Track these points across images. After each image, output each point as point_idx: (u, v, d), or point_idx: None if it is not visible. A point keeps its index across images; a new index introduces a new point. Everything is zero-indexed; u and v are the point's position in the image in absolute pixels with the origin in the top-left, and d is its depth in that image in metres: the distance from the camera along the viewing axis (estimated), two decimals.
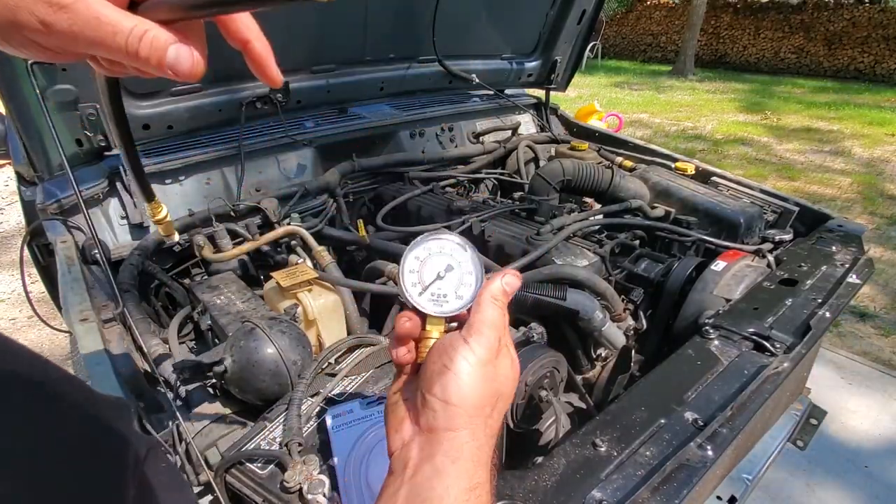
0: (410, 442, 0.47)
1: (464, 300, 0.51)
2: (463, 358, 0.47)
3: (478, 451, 0.45)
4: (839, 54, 12.33)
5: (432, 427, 0.45)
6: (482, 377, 0.47)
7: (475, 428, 0.46)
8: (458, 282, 0.52)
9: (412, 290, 0.50)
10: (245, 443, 0.84)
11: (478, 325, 0.49)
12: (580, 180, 1.81)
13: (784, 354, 1.04)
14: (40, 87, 1.23)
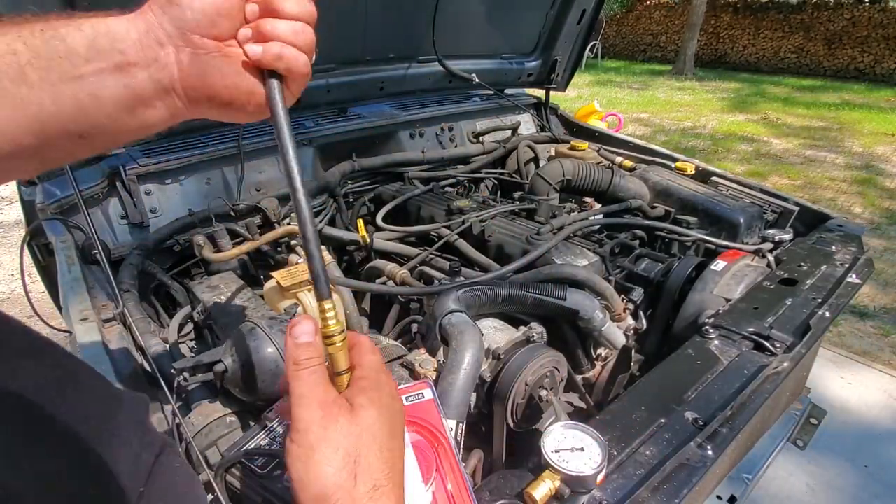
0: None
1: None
2: (294, 460, 0.44)
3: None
4: (839, 54, 12.34)
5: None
6: (320, 463, 0.43)
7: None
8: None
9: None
10: (245, 443, 0.84)
11: (292, 409, 0.45)
12: (580, 180, 1.81)
13: (784, 354, 1.04)
14: None
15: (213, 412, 0.94)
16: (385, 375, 0.50)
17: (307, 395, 0.45)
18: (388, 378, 0.51)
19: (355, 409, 0.46)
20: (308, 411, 0.44)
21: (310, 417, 0.44)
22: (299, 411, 0.44)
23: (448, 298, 1.14)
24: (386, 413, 0.47)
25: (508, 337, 1.15)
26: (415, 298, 1.35)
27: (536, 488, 0.72)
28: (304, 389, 0.45)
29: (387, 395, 0.49)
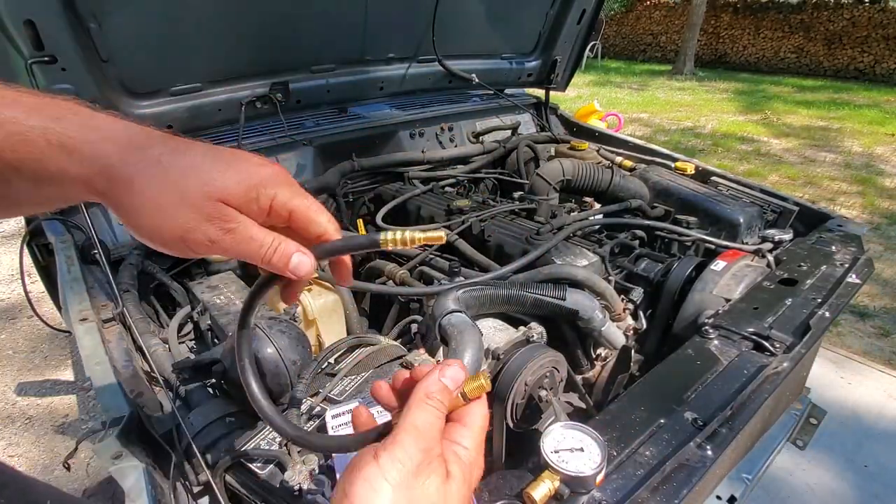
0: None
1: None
2: (364, 480, 0.37)
3: None
4: (839, 54, 12.33)
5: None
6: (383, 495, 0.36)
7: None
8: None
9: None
10: (245, 443, 0.84)
11: (398, 433, 0.39)
12: (580, 180, 1.81)
13: (784, 354, 1.04)
14: (40, 87, 1.23)
15: (213, 412, 0.94)
16: (481, 459, 0.45)
17: (421, 430, 0.40)
18: (481, 462, 0.45)
19: (449, 477, 0.41)
20: (412, 446, 0.39)
21: (412, 452, 0.39)
22: (405, 438, 0.39)
23: (448, 298, 1.14)
24: (465, 493, 0.42)
25: (508, 337, 1.15)
26: (414, 298, 1.35)
27: (536, 488, 0.72)
28: (421, 422, 0.40)
29: (475, 474, 0.44)
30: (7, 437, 2.28)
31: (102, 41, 1.32)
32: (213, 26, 1.50)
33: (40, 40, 1.19)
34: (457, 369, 0.44)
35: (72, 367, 2.71)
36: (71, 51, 1.26)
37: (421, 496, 0.38)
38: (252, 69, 1.69)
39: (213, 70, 1.61)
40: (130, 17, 1.34)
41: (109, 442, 0.74)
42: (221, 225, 0.42)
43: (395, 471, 0.37)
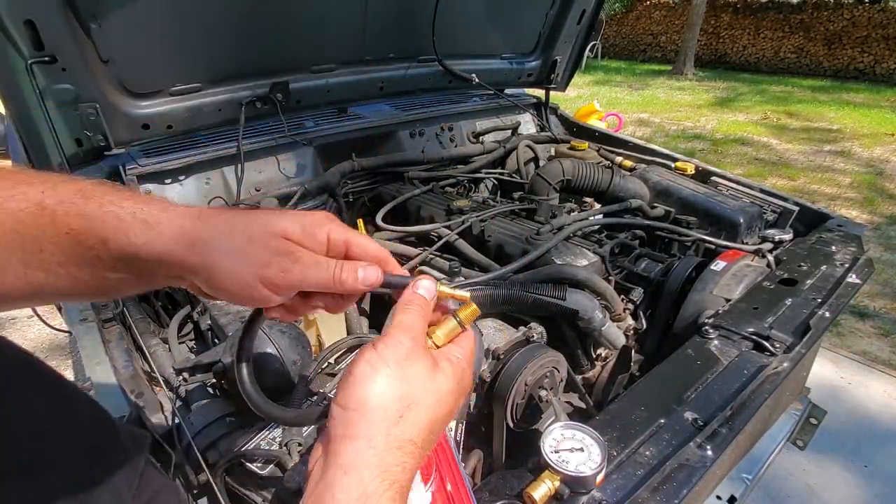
0: (318, 450, 0.45)
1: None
2: (365, 361, 0.45)
3: (376, 459, 0.42)
4: (839, 54, 12.33)
5: (333, 436, 0.44)
6: (386, 380, 0.44)
7: (373, 434, 0.43)
8: None
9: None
10: (245, 443, 0.84)
11: (388, 330, 0.48)
12: (580, 180, 1.81)
13: (784, 354, 1.04)
14: (40, 87, 1.23)
15: (213, 412, 0.94)
16: (470, 368, 0.52)
17: (406, 325, 0.47)
18: (470, 371, 0.52)
19: (437, 367, 0.48)
20: (403, 335, 0.46)
21: (401, 340, 0.46)
22: (394, 331, 0.47)
23: None
24: (454, 394, 0.49)
25: (508, 337, 1.15)
26: None
27: (536, 489, 0.72)
28: (405, 320, 0.48)
29: (464, 381, 0.50)
30: None
31: (102, 41, 1.32)
32: (213, 26, 1.50)
33: (40, 40, 1.19)
34: (428, 281, 0.51)
35: (72, 367, 2.71)
36: (71, 51, 1.26)
37: (413, 374, 0.45)
38: (252, 69, 1.69)
39: (213, 70, 1.61)
40: (130, 17, 1.34)
41: None
42: (290, 255, 0.47)
43: (389, 353, 0.45)
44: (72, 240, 0.44)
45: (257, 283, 0.46)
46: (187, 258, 0.45)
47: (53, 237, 0.44)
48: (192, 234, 0.46)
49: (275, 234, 0.47)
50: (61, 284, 0.46)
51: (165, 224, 0.46)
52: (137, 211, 0.45)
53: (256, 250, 0.46)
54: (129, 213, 0.45)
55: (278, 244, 0.47)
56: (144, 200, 0.47)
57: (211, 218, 0.47)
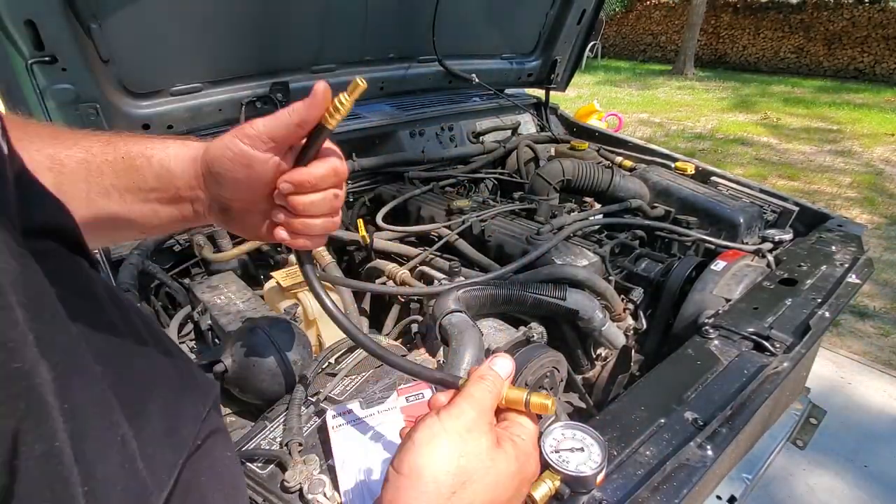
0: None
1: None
2: (426, 427, 0.43)
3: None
4: (839, 54, 12.34)
5: (384, 499, 0.42)
6: (444, 450, 0.42)
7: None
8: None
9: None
10: (245, 443, 0.84)
11: (456, 399, 0.46)
12: (580, 180, 1.81)
13: (784, 354, 1.04)
14: (40, 87, 1.24)
15: None
16: (535, 456, 0.50)
17: (475, 398, 0.46)
18: (535, 459, 0.50)
19: (499, 447, 0.45)
20: (468, 408, 0.45)
21: (467, 412, 0.44)
22: (462, 402, 0.45)
23: (448, 299, 1.14)
24: (515, 478, 0.46)
25: (508, 337, 1.15)
26: (415, 298, 1.35)
27: (536, 488, 0.72)
28: (476, 392, 0.46)
29: (528, 468, 0.48)
30: None
31: (102, 41, 1.32)
32: (213, 26, 1.50)
33: (40, 40, 1.19)
34: (506, 360, 0.50)
35: None
36: (71, 51, 1.26)
37: (472, 448, 0.43)
38: (252, 69, 1.69)
39: (213, 70, 1.61)
40: (130, 17, 1.34)
41: None
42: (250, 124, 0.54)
43: (452, 423, 0.43)
44: (126, 164, 0.56)
45: (234, 138, 0.53)
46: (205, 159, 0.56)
47: (112, 162, 0.56)
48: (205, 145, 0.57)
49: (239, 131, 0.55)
50: (114, 208, 0.57)
51: (193, 143, 0.58)
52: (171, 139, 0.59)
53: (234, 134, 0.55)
54: (168, 140, 0.59)
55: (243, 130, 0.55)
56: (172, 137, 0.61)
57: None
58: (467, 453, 0.42)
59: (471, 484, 0.42)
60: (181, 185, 0.57)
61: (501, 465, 0.44)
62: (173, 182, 0.57)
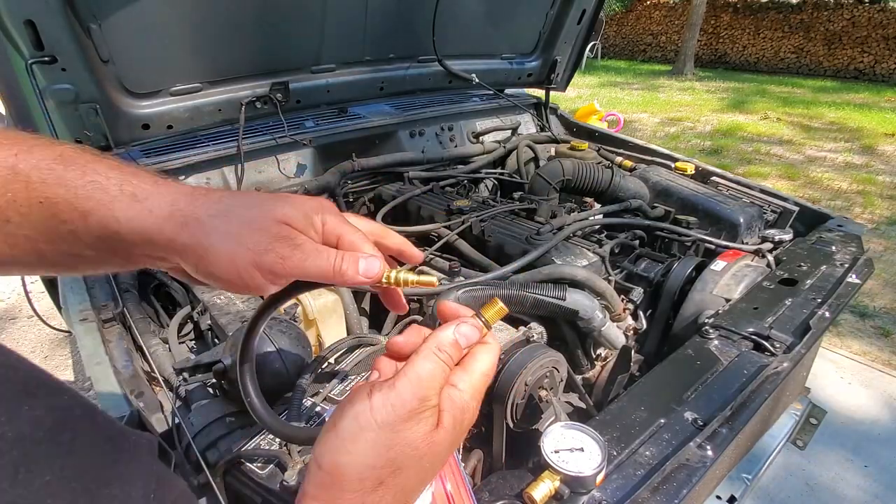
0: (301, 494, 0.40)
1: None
2: (354, 416, 0.38)
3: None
4: (839, 54, 12.34)
5: (304, 490, 0.38)
6: (372, 444, 0.37)
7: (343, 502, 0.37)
8: None
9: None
10: (245, 443, 0.84)
11: (398, 378, 0.40)
12: (580, 180, 1.81)
13: (784, 354, 1.04)
14: (40, 87, 1.24)
15: (213, 412, 0.94)
16: (476, 404, 0.44)
17: (422, 379, 0.40)
18: (474, 407, 0.44)
19: (438, 426, 0.41)
20: (409, 393, 0.39)
21: (405, 400, 0.39)
22: (404, 385, 0.39)
23: (448, 299, 1.14)
24: (454, 444, 0.42)
25: (508, 337, 1.15)
26: (414, 298, 1.35)
27: (536, 488, 0.72)
28: (424, 372, 0.40)
29: (465, 427, 0.43)
30: None
31: (102, 41, 1.32)
32: (213, 26, 1.50)
33: (40, 40, 1.19)
34: (472, 329, 0.44)
35: (72, 367, 2.71)
36: (71, 51, 1.26)
37: (403, 441, 0.38)
38: (252, 69, 1.69)
39: (213, 70, 1.61)
40: (130, 17, 1.34)
41: None
42: (290, 241, 0.43)
43: (384, 412, 0.38)
44: (45, 212, 0.40)
45: (253, 269, 0.42)
46: (177, 238, 0.42)
47: (24, 207, 0.39)
48: (186, 211, 0.42)
49: (275, 218, 0.43)
50: (26, 259, 0.42)
51: (156, 199, 0.42)
52: (125, 182, 0.41)
53: (255, 234, 0.42)
54: (115, 184, 0.41)
55: (279, 230, 0.43)
56: (132, 172, 0.43)
57: (206, 196, 0.43)
58: (398, 444, 0.38)
59: (401, 472, 0.39)
60: (137, 252, 0.44)
61: (439, 446, 0.40)
62: (123, 248, 0.43)
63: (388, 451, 0.38)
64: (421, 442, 0.39)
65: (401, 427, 0.38)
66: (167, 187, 0.43)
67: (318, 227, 0.46)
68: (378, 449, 0.38)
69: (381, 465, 0.38)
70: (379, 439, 0.38)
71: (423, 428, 0.39)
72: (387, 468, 0.38)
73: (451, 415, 0.41)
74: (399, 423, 0.38)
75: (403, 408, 0.38)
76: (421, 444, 0.39)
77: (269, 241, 0.42)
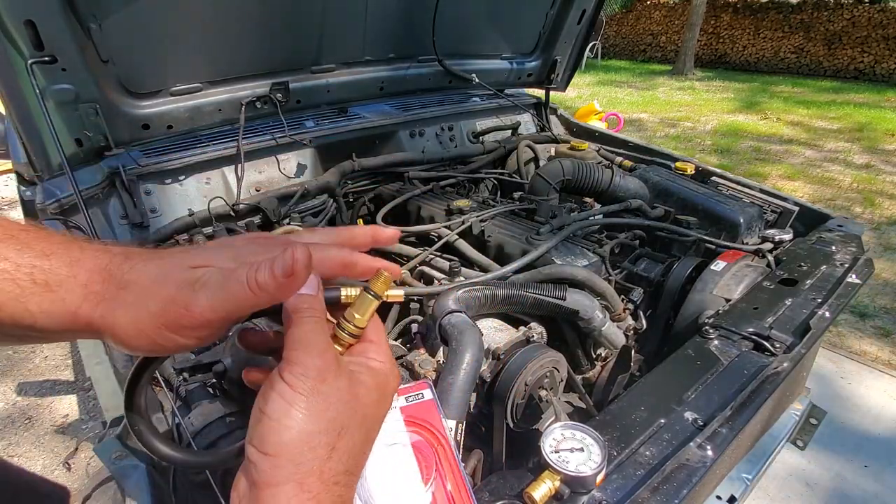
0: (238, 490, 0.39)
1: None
2: (277, 396, 0.38)
3: (311, 503, 0.37)
4: (839, 54, 12.34)
5: (255, 482, 0.37)
6: (306, 413, 0.37)
7: (303, 477, 0.37)
8: None
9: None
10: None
11: (287, 352, 0.39)
12: (580, 180, 1.81)
13: (784, 354, 1.04)
14: (40, 87, 1.23)
15: (213, 412, 0.94)
16: (395, 370, 0.45)
17: (305, 341, 0.39)
18: (397, 372, 0.45)
19: (354, 378, 0.41)
20: (307, 356, 0.39)
21: (308, 363, 0.38)
22: (295, 354, 0.39)
23: (448, 299, 1.14)
24: (381, 404, 0.42)
25: (508, 337, 1.15)
26: (414, 298, 1.35)
27: (536, 488, 0.72)
28: (303, 335, 0.40)
29: (389, 386, 0.43)
30: (7, 437, 2.28)
31: (102, 41, 1.32)
32: (213, 26, 1.50)
33: (40, 40, 1.19)
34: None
35: (72, 367, 2.71)
36: (71, 51, 1.26)
37: (333, 397, 0.38)
38: (252, 69, 1.69)
39: (213, 70, 1.61)
40: (130, 17, 1.34)
41: (110, 442, 0.75)
42: (193, 283, 0.39)
43: (302, 381, 0.38)
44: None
45: (163, 330, 0.38)
46: (92, 318, 0.39)
47: None
48: (99, 291, 0.39)
49: (183, 265, 0.39)
50: None
51: (69, 285, 0.39)
52: (36, 270, 0.38)
53: (160, 290, 0.38)
54: (25, 273, 0.38)
55: (184, 276, 0.39)
56: (45, 252, 0.39)
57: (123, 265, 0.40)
58: (329, 404, 0.38)
59: (345, 433, 0.39)
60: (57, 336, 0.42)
61: (365, 398, 0.41)
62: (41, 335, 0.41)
63: (326, 412, 0.38)
64: (349, 395, 0.39)
65: (322, 388, 0.38)
66: (82, 266, 0.40)
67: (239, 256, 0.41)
68: (315, 414, 0.37)
69: (324, 428, 0.38)
70: (311, 405, 0.37)
71: (343, 382, 0.40)
72: (332, 431, 0.38)
73: (368, 375, 0.42)
74: (320, 385, 0.38)
75: (314, 369, 0.38)
76: (350, 398, 0.39)
77: (173, 291, 0.38)
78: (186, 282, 0.39)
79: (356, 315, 0.43)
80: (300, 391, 0.37)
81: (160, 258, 0.41)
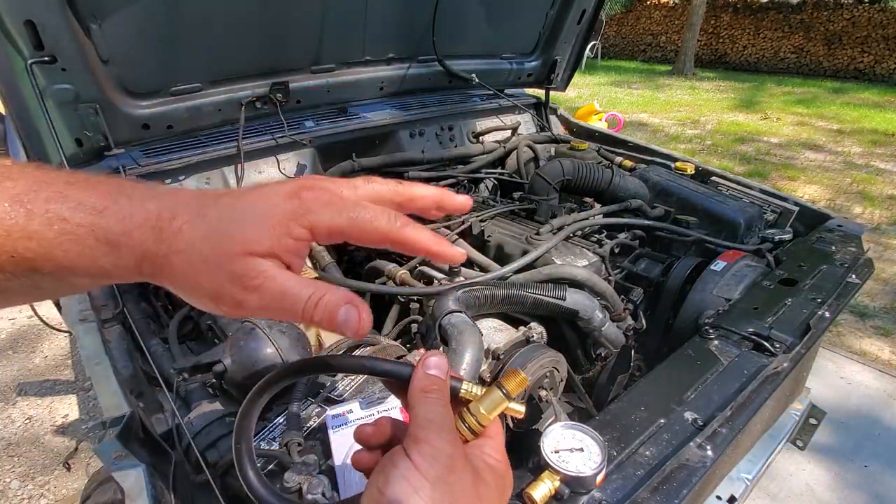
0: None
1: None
2: (401, 477, 0.36)
3: None
4: (839, 54, 12.34)
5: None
6: (430, 501, 0.35)
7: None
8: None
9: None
10: None
11: (417, 431, 0.38)
12: (580, 180, 1.81)
13: (784, 354, 1.04)
14: (40, 87, 1.23)
15: (213, 412, 0.94)
16: (510, 471, 0.42)
17: (435, 422, 0.38)
18: (510, 474, 0.42)
19: (477, 474, 0.39)
20: (438, 438, 0.37)
21: (439, 446, 0.37)
22: (425, 434, 0.37)
23: (448, 299, 1.14)
24: (500, 502, 0.40)
25: (508, 337, 1.15)
26: (415, 298, 1.35)
27: (536, 488, 0.72)
28: (434, 416, 0.39)
29: (507, 489, 0.41)
30: (7, 436, 2.28)
31: (102, 41, 1.32)
32: (213, 26, 1.50)
33: (40, 40, 1.19)
34: (437, 358, 0.42)
35: (72, 367, 2.71)
36: (71, 51, 1.26)
37: (458, 491, 0.37)
38: (252, 69, 1.69)
39: (213, 70, 1.61)
40: (130, 17, 1.34)
41: (109, 442, 0.74)
42: (245, 283, 0.37)
43: (431, 466, 0.36)
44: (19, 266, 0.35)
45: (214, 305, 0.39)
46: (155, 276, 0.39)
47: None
48: (155, 256, 0.38)
49: (232, 253, 0.37)
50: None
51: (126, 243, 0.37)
52: (96, 228, 0.37)
53: (211, 276, 0.37)
54: (87, 230, 0.36)
55: (235, 267, 0.37)
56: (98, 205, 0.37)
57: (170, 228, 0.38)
58: (455, 499, 0.36)
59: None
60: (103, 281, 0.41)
61: (486, 497, 0.39)
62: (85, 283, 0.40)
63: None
64: (473, 493, 0.38)
65: (450, 478, 0.37)
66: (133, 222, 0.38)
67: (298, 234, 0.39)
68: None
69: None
70: (436, 496, 0.35)
71: (469, 476, 0.38)
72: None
73: (489, 474, 0.40)
74: (447, 475, 0.37)
75: (444, 455, 0.37)
76: (473, 496, 0.38)
77: (223, 282, 0.37)
78: (239, 281, 0.37)
79: (482, 411, 0.42)
80: (427, 476, 0.36)
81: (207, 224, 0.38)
